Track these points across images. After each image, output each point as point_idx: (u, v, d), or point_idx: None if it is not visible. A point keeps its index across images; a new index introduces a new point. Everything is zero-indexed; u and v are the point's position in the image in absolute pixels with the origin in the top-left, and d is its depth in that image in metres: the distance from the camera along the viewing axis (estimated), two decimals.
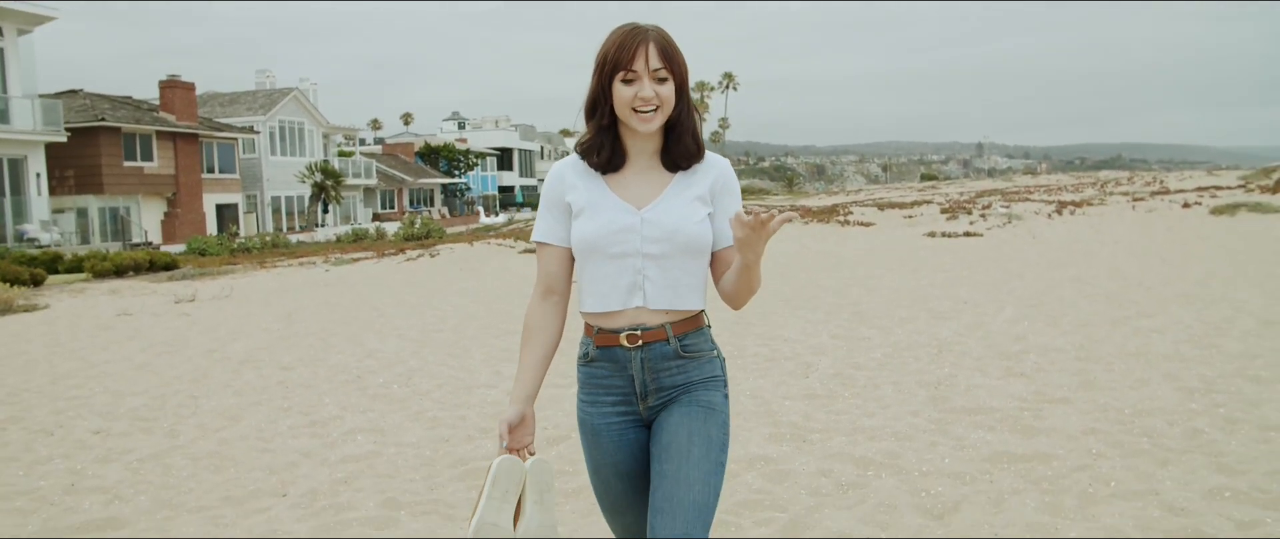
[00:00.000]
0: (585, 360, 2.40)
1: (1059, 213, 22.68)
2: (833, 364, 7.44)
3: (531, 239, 2.46)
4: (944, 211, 23.77)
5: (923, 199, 29.34)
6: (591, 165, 2.36)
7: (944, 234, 19.89)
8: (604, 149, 2.33)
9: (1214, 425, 5.27)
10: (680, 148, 2.34)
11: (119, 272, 21.45)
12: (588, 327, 2.39)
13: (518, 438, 2.36)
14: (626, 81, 2.25)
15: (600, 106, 2.31)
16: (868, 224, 22.76)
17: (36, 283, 18.97)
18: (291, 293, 15.42)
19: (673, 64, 2.27)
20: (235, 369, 8.46)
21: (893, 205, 26.66)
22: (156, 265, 22.42)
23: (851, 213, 24.81)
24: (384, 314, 11.93)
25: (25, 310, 14.61)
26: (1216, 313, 8.94)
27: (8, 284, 17.02)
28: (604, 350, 2.34)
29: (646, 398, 2.34)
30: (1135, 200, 24.49)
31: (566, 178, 2.39)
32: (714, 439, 2.30)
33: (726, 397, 2.40)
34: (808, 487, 4.59)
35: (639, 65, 2.23)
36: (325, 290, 15.56)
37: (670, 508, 2.19)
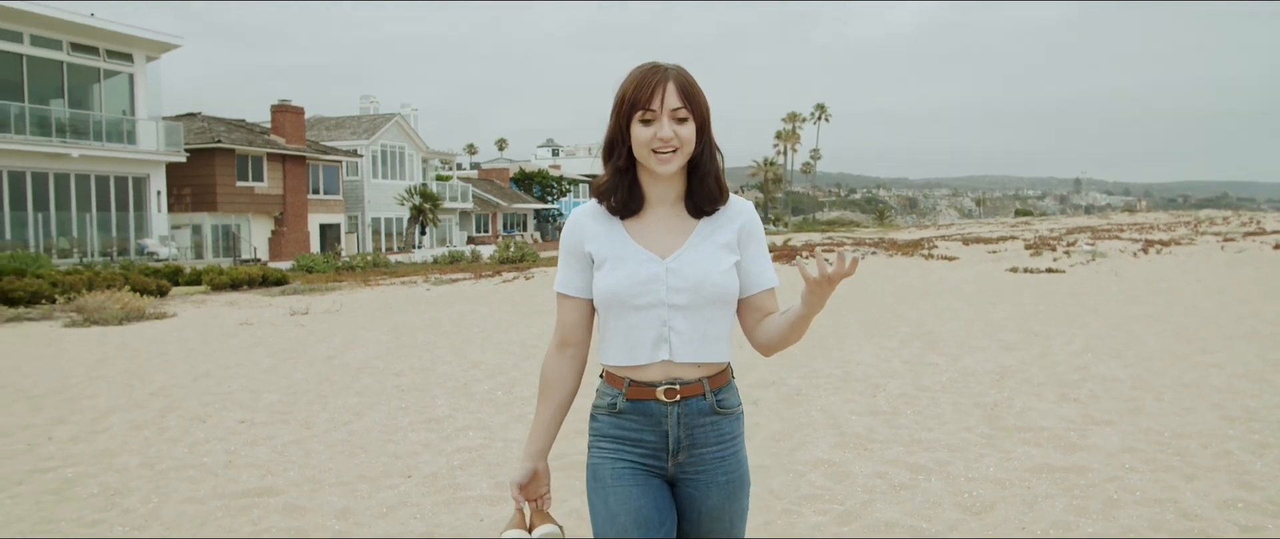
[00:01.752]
0: (612, 411, 2.29)
1: (1145, 252, 22.73)
2: (900, 386, 8.03)
3: (554, 290, 2.37)
4: (1028, 248, 23.96)
5: (1009, 235, 29.44)
6: (608, 209, 2.29)
7: (1026, 270, 20.17)
8: (621, 191, 2.26)
9: (1245, 449, 5.76)
10: (703, 191, 2.26)
11: (235, 285, 22.85)
12: (613, 378, 2.30)
13: (531, 491, 2.35)
14: (645, 122, 2.18)
15: (618, 148, 2.24)
16: (951, 258, 23.09)
17: (162, 293, 20.39)
18: (397, 309, 16.43)
19: (693, 104, 2.19)
20: (354, 374, 9.36)
21: (978, 240, 26.86)
22: (268, 280, 23.78)
23: (936, 247, 25.11)
24: (484, 330, 12.80)
25: (156, 318, 15.85)
26: None
27: (138, 294, 18.43)
28: (636, 404, 2.25)
29: (677, 455, 2.26)
30: (1226, 240, 24.35)
31: (586, 227, 2.30)
32: (743, 510, 2.34)
33: (746, 454, 2.38)
34: (863, 486, 5.23)
35: (657, 104, 2.16)
36: (428, 308, 16.55)
37: None
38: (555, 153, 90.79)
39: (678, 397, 2.23)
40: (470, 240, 54.91)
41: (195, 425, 7.11)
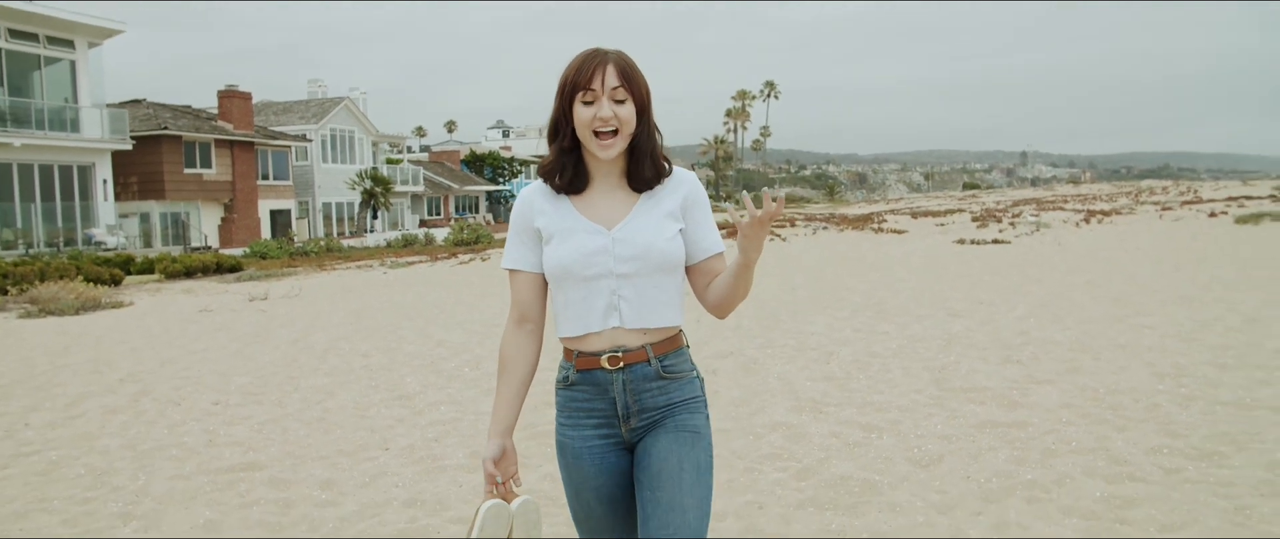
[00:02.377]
0: (565, 384, 2.40)
1: (1087, 222, 23.38)
2: (852, 353, 8.38)
3: (502, 267, 2.46)
4: (975, 220, 24.54)
5: (957, 208, 30.05)
6: (553, 187, 2.37)
7: (973, 242, 20.71)
8: (567, 171, 2.35)
9: (1173, 402, 6.16)
10: (641, 171, 2.35)
11: (189, 273, 22.78)
12: (567, 352, 2.39)
13: (502, 470, 2.38)
14: (586, 102, 2.26)
15: (562, 129, 2.33)
16: (900, 232, 23.59)
17: (115, 283, 20.29)
18: (356, 293, 16.55)
19: (632, 85, 2.28)
20: (320, 356, 9.53)
21: (927, 213, 27.41)
22: (222, 268, 23.74)
23: (885, 221, 25.62)
24: (446, 310, 12.99)
25: (112, 307, 15.84)
26: (1210, 312, 9.77)
27: (91, 284, 18.35)
28: (584, 374, 2.34)
29: (629, 420, 2.34)
30: (1164, 209, 25.10)
31: (534, 203, 2.39)
32: (702, 465, 2.32)
33: (707, 418, 2.40)
34: (820, 445, 5.55)
35: (597, 84, 2.25)
36: (387, 291, 16.69)
37: (668, 535, 2.22)
38: (505, 134, 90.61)
39: (621, 363, 2.31)
40: (423, 223, 54.74)
41: (170, 408, 7.28)
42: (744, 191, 2.37)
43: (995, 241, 20.54)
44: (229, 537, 4.43)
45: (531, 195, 2.41)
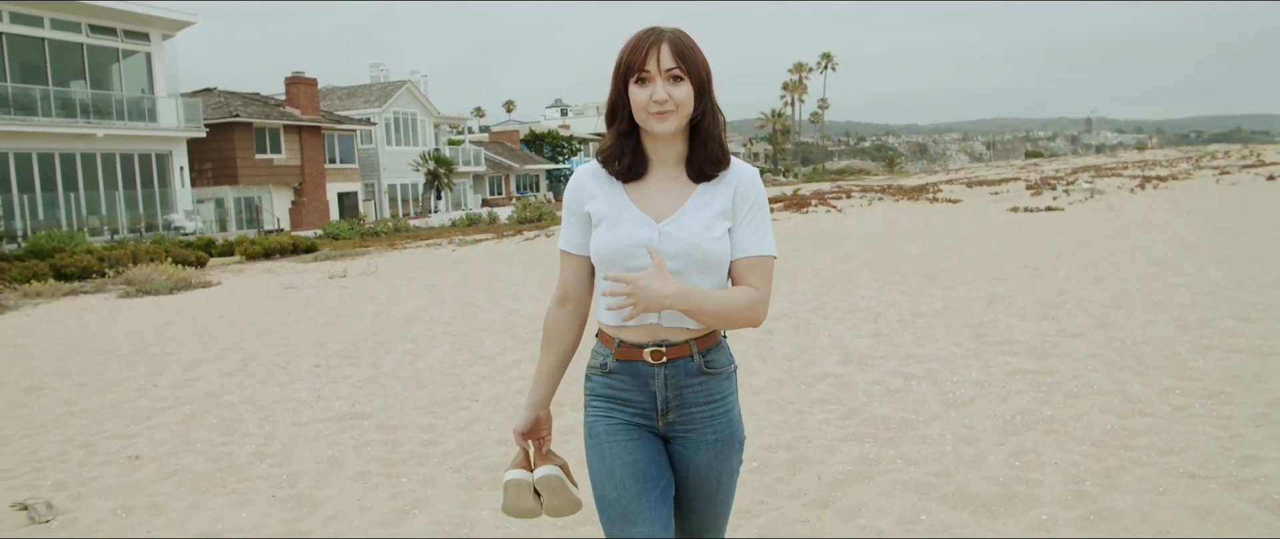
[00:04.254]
0: (603, 371, 2.34)
1: (1141, 188, 23.53)
2: (899, 313, 8.97)
3: (558, 247, 2.45)
4: (1029, 188, 24.78)
5: (1012, 177, 30.21)
6: (611, 173, 2.31)
7: (1026, 209, 21.03)
8: (625, 156, 2.28)
9: (1192, 351, 6.69)
10: (705, 154, 2.27)
11: (267, 254, 23.87)
12: (605, 337, 2.34)
13: (534, 434, 2.46)
14: (641, 82, 2.20)
15: (619, 112, 2.27)
16: (955, 201, 23.93)
17: (200, 264, 21.41)
18: (428, 269, 17.41)
19: (689, 64, 2.20)
20: (404, 325, 10.33)
21: (982, 183, 27.66)
22: (298, 248, 24.81)
23: (941, 191, 25.94)
24: (516, 283, 13.76)
25: (202, 286, 16.86)
26: (1246, 271, 10.18)
27: (178, 265, 19.46)
28: (625, 364, 2.30)
29: (667, 414, 2.31)
30: (1222, 173, 25.10)
31: (587, 186, 2.33)
32: (734, 468, 2.38)
33: (740, 410, 2.40)
34: (864, 391, 6.18)
35: (652, 65, 2.18)
36: (458, 267, 17.52)
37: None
38: (564, 113, 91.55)
39: (665, 358, 2.26)
40: (485, 203, 55.84)
41: (277, 372, 8.10)
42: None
43: (1048, 209, 20.84)
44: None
45: (583, 178, 2.35)
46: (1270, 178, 23.18)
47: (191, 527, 4.40)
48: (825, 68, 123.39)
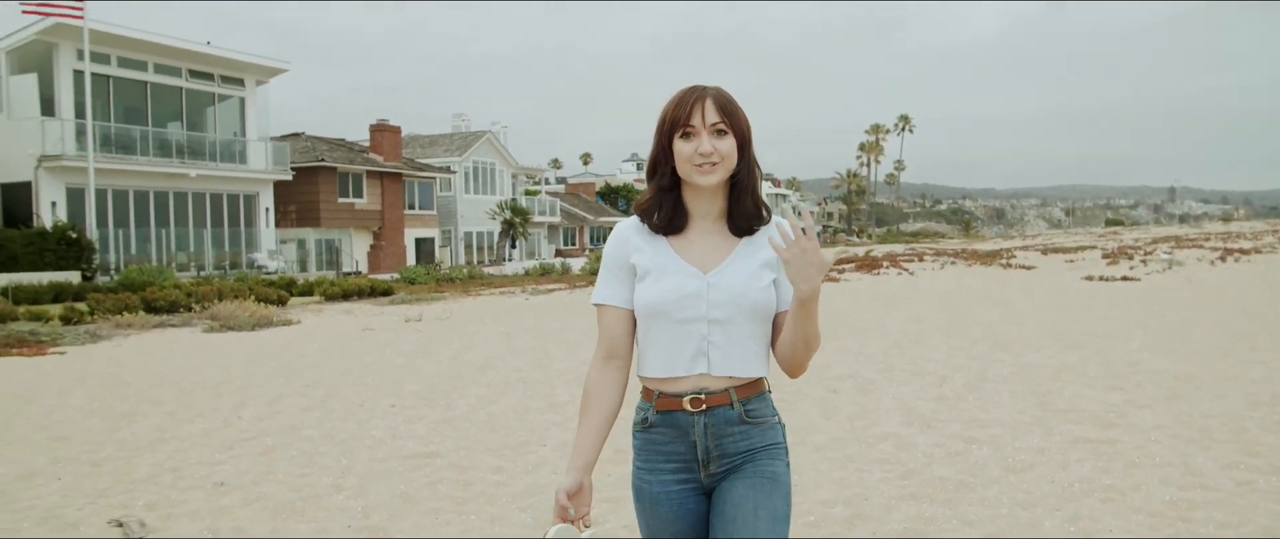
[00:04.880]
0: (644, 426, 2.35)
1: (1223, 260, 23.11)
2: (965, 378, 9.01)
3: (592, 302, 2.43)
4: (1106, 257, 24.47)
5: (1089, 245, 29.83)
6: (650, 227, 2.34)
7: (1101, 278, 20.78)
8: (665, 209, 2.32)
9: (1262, 427, 6.66)
10: (742, 209, 2.32)
11: (346, 296, 24.50)
12: (646, 392, 2.35)
13: (579, 504, 2.31)
14: (686, 137, 2.24)
15: (661, 166, 2.31)
16: (1029, 268, 23.73)
17: (282, 303, 22.09)
18: (502, 316, 17.77)
19: (732, 119, 2.26)
20: (479, 370, 10.62)
21: (1057, 250, 27.38)
22: (376, 291, 25.43)
23: (1015, 257, 25.74)
24: (588, 331, 14.01)
25: (283, 324, 17.42)
26: None
27: (261, 303, 20.12)
28: (665, 415, 2.30)
29: (708, 465, 2.29)
30: None
31: (631, 239, 2.35)
32: (779, 513, 2.27)
33: (788, 466, 2.35)
34: (924, 453, 6.26)
35: (697, 120, 2.23)
36: (531, 315, 17.86)
37: None
38: (639, 166, 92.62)
39: (703, 406, 2.26)
40: (559, 253, 56.58)
41: (355, 409, 8.41)
42: (789, 203, 2.73)
43: (1124, 279, 20.58)
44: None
45: (627, 231, 2.37)
46: None
47: None
48: (903, 129, 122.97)
